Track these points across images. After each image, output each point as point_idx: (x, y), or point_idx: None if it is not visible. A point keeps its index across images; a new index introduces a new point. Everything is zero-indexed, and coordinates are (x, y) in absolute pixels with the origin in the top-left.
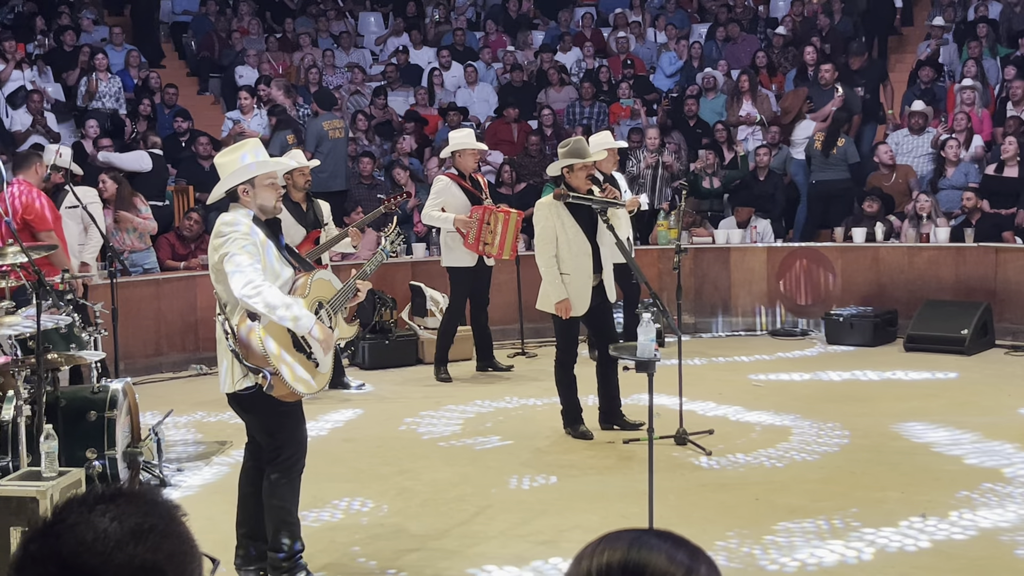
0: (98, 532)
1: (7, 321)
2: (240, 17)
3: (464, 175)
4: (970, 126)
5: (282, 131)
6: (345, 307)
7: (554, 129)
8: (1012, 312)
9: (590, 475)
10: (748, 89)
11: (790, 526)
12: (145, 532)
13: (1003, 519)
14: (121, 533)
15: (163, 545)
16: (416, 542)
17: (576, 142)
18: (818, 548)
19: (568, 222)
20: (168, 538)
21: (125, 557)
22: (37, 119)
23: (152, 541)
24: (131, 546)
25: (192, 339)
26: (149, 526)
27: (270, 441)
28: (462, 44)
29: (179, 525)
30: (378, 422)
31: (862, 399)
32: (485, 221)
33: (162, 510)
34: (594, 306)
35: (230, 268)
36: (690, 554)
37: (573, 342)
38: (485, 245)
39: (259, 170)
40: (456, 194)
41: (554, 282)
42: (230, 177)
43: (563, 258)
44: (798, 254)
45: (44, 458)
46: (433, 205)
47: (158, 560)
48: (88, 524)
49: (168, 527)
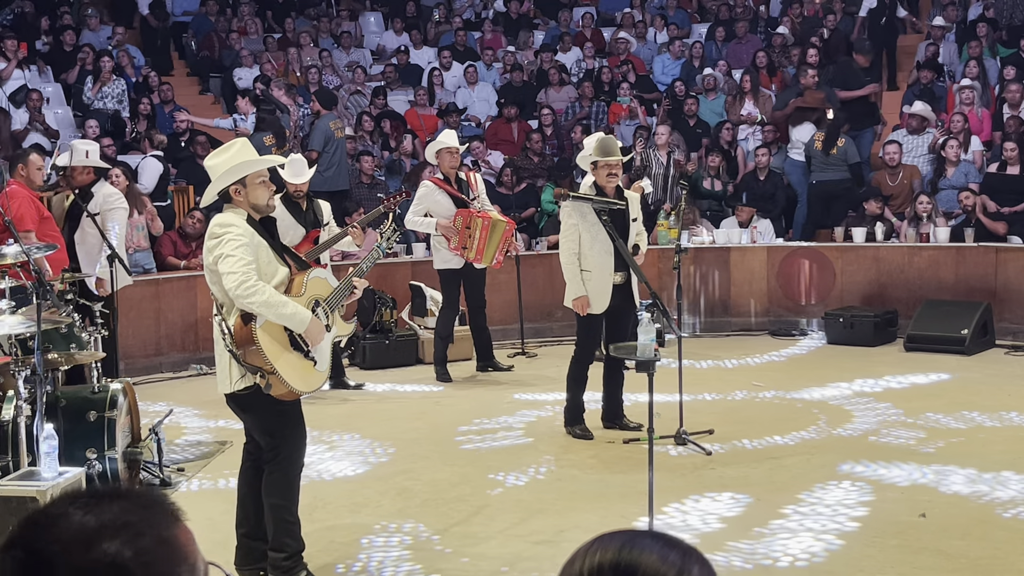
0: (70, 523)
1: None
2: (240, 17)
3: (448, 178)
4: (967, 127)
5: (262, 132)
6: (342, 305)
7: (554, 129)
8: (1012, 312)
9: (590, 475)
10: (750, 89)
11: (788, 524)
12: (116, 528)
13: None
14: (91, 526)
15: (134, 544)
16: (415, 542)
17: (603, 139)
18: (818, 546)
19: (591, 219)
20: (142, 538)
21: (85, 550)
22: (35, 116)
23: (122, 538)
24: (96, 540)
25: (192, 339)
26: (123, 523)
27: (269, 441)
28: (462, 44)
29: (164, 528)
30: (378, 422)
31: (862, 399)
32: (466, 225)
33: (147, 510)
34: (614, 305)
35: (224, 269)
36: (682, 554)
37: (593, 340)
38: (464, 249)
39: (248, 169)
40: (439, 200)
41: (573, 279)
42: (221, 178)
43: (585, 255)
44: (798, 254)
45: (44, 458)
46: (415, 211)
47: (122, 557)
48: (66, 516)
49: (145, 527)
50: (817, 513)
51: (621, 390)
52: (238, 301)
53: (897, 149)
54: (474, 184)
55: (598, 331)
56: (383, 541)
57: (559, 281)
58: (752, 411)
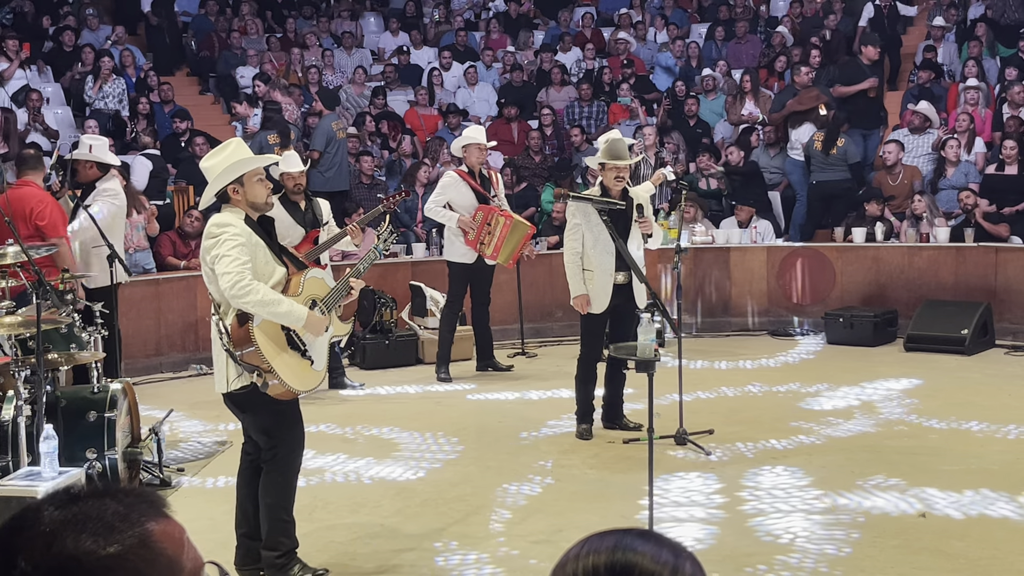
0: (38, 519)
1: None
2: (240, 17)
3: (472, 172)
4: (972, 126)
5: (266, 131)
6: (339, 305)
7: (554, 129)
8: (1012, 312)
9: (590, 475)
10: (750, 89)
11: (787, 523)
12: (81, 523)
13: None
14: (56, 521)
15: (100, 540)
16: (414, 542)
17: (614, 142)
18: (818, 546)
19: (595, 219)
20: (111, 534)
21: (45, 544)
22: (35, 116)
23: (87, 534)
24: (60, 535)
25: (192, 339)
26: (92, 519)
27: (266, 440)
28: (462, 44)
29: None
30: (377, 422)
31: (862, 399)
32: (487, 222)
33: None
34: (615, 305)
35: (220, 269)
36: (673, 551)
37: (597, 340)
38: (481, 245)
39: (244, 168)
40: (462, 191)
41: (573, 278)
42: (218, 179)
43: (588, 255)
44: (798, 254)
45: (44, 458)
46: (437, 201)
47: (81, 552)
48: (38, 511)
49: (119, 524)
50: (817, 513)
51: (622, 390)
52: (233, 301)
53: (896, 149)
54: (496, 183)
55: (601, 330)
56: (382, 541)
57: (559, 281)
58: (752, 412)
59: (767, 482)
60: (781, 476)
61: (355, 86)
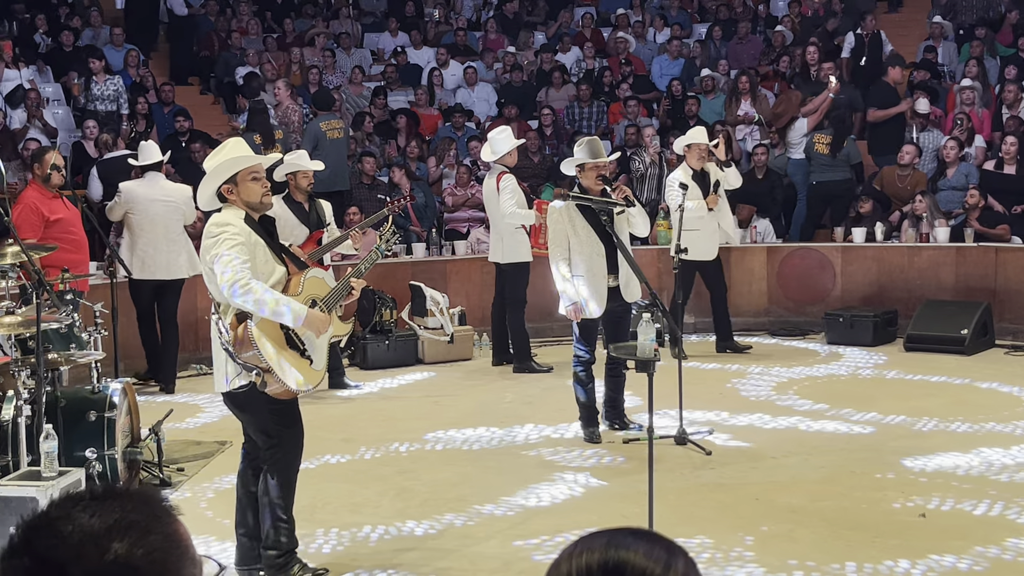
0: (76, 527)
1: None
2: (240, 17)
3: None
4: (971, 126)
5: (251, 131)
6: (340, 305)
7: (554, 129)
8: (1012, 312)
9: (590, 475)
10: (748, 89)
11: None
12: (124, 528)
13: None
14: (98, 528)
15: (143, 542)
16: (415, 542)
17: (590, 142)
18: (817, 546)
19: (579, 223)
20: (149, 536)
21: (97, 552)
22: (33, 112)
23: (131, 538)
24: (106, 542)
25: (192, 339)
26: (129, 523)
27: (266, 440)
28: (462, 44)
29: (167, 524)
30: (377, 422)
31: (862, 399)
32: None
33: (149, 508)
34: (611, 308)
35: (219, 268)
36: (666, 549)
37: (593, 342)
38: (541, 241)
39: (235, 167)
40: (521, 193)
41: (564, 285)
42: (209, 179)
43: (576, 261)
44: (798, 254)
45: (44, 458)
46: (513, 204)
47: (134, 557)
48: (69, 519)
49: (151, 525)
50: (817, 512)
51: (622, 390)
52: (231, 300)
53: (914, 150)
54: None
55: (595, 331)
56: (382, 541)
57: None
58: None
59: (767, 480)
60: (781, 476)
61: (353, 86)
